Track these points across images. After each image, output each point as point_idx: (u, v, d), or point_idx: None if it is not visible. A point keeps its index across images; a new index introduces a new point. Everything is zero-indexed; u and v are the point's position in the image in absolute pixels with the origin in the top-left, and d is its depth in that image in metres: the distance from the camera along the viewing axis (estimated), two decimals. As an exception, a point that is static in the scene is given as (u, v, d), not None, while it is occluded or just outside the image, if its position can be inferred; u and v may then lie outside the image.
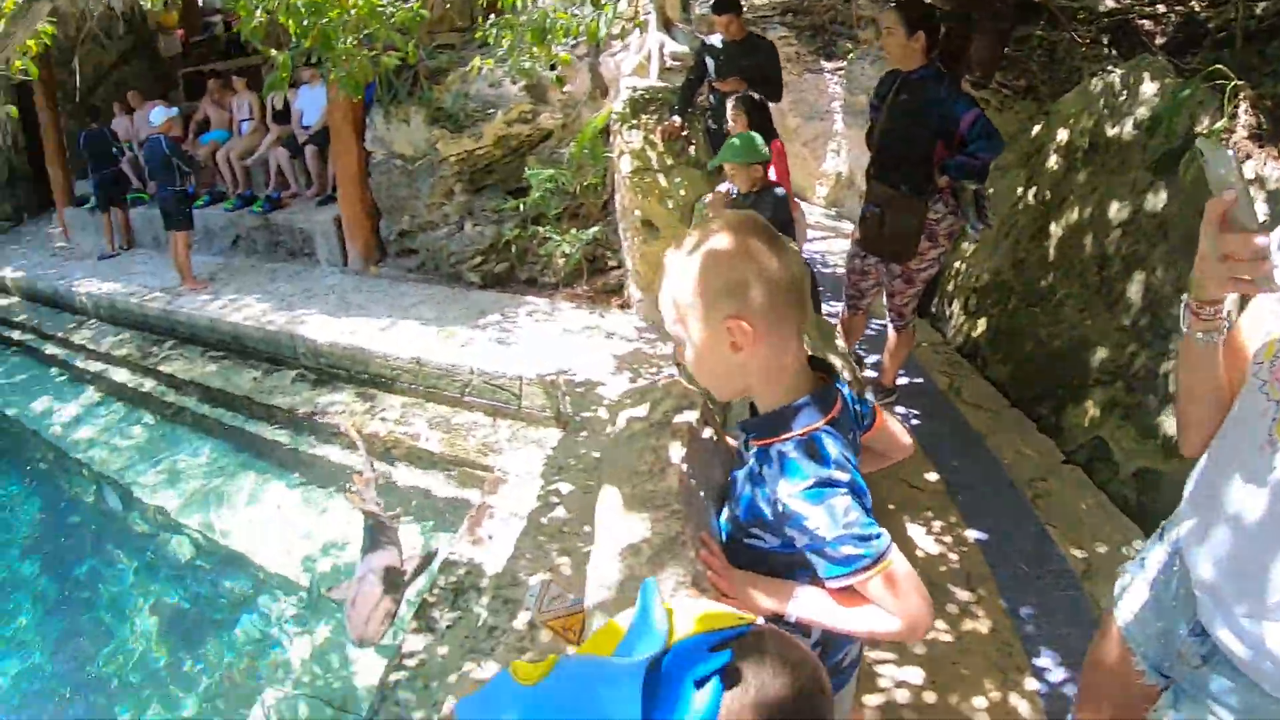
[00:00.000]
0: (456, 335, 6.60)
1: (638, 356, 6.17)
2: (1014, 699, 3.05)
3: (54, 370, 10.64)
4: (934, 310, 6.47)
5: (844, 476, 1.44)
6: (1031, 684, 3.10)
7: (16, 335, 12.02)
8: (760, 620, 1.04)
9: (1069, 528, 4.03)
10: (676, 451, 3.04)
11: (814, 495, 1.42)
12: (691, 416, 3.15)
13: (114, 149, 11.88)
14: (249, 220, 10.01)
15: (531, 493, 5.40)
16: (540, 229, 7.20)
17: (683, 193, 6.46)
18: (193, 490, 6.95)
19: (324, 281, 8.62)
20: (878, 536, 1.43)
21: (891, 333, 4.85)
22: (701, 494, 2.52)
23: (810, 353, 1.62)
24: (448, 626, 4.83)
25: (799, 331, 1.53)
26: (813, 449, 1.46)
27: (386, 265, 8.37)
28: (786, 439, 1.48)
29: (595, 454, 5.28)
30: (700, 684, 0.93)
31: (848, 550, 1.41)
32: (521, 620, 4.32)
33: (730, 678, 0.93)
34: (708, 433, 3.03)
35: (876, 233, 4.50)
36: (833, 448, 1.46)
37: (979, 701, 3.05)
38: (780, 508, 1.47)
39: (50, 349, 11.00)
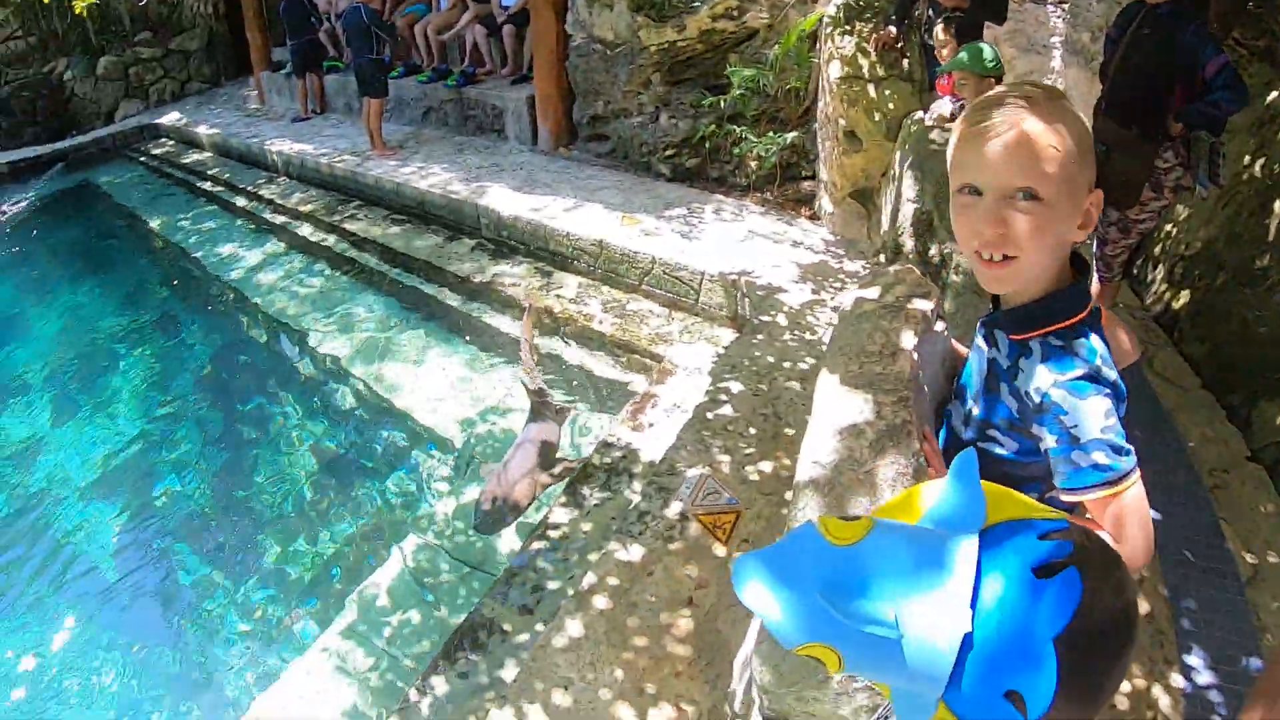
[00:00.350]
0: (641, 224, 6.46)
1: (823, 269, 5.91)
2: (1156, 691, 2.84)
3: (240, 221, 11.05)
4: (1135, 272, 6.00)
5: (1110, 374, 1.33)
6: (1178, 680, 2.87)
7: (208, 186, 12.56)
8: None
9: (1244, 528, 3.67)
10: (909, 337, 2.82)
11: (1078, 388, 1.30)
12: (925, 306, 2.92)
13: (311, 18, 12.14)
14: (442, 94, 10.08)
15: (699, 387, 5.27)
16: (736, 129, 6.96)
17: (891, 106, 6.13)
18: (363, 342, 7.09)
19: (512, 158, 8.60)
20: (1129, 452, 1.30)
21: (1095, 283, 4.51)
22: (925, 388, 2.31)
23: None
24: (595, 505, 4.78)
25: None
26: (1078, 341, 1.35)
27: (576, 148, 8.28)
28: (1050, 330, 1.37)
29: (770, 358, 5.10)
30: (1041, 572, 0.83)
31: (1099, 457, 1.28)
32: (673, 510, 4.22)
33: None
34: (940, 326, 2.79)
35: (1099, 173, 4.14)
36: (1098, 343, 1.35)
37: (1122, 685, 2.87)
38: (1038, 399, 1.34)
39: (239, 201, 11.43)
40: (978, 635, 0.84)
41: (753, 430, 4.59)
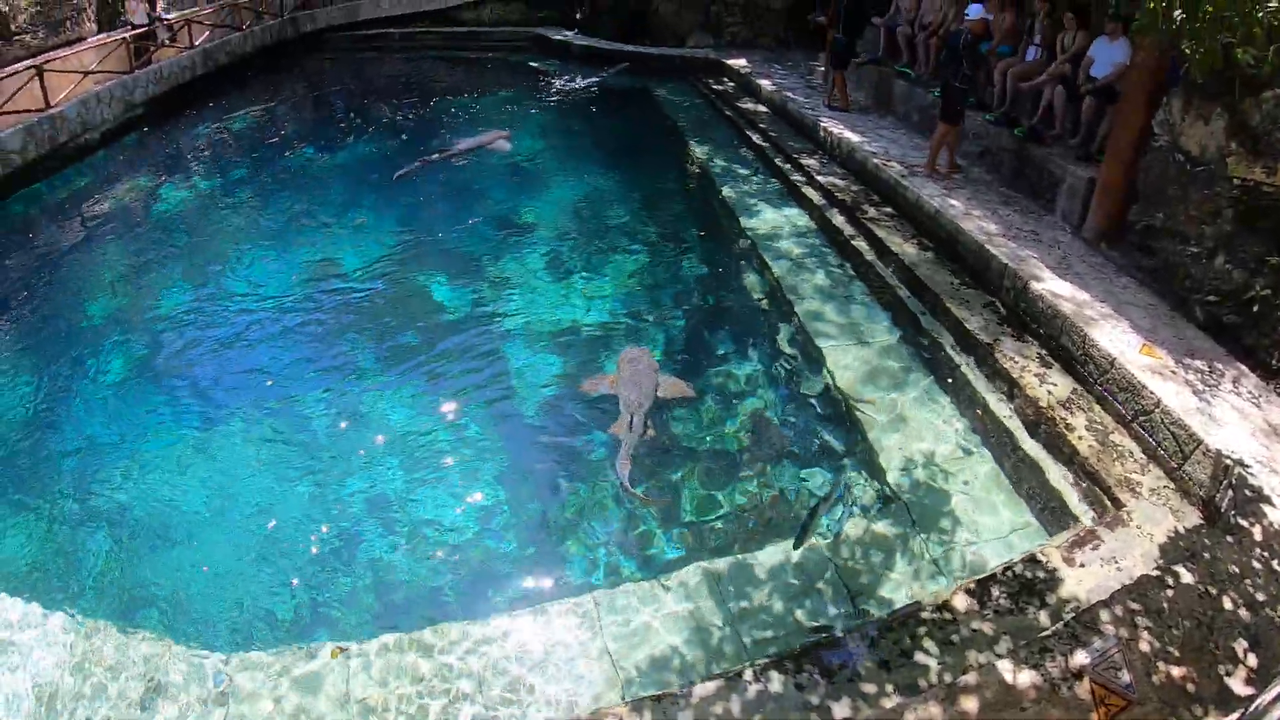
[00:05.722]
0: (1159, 359, 6.35)
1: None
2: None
3: (773, 179, 12.02)
4: None
5: None
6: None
7: (754, 136, 13.64)
8: None
9: None
10: None
11: None
12: None
13: (871, 19, 13.16)
14: (1004, 140, 10.19)
15: (1147, 555, 5.24)
16: (1294, 301, 6.51)
17: None
18: (844, 339, 7.79)
19: (1052, 233, 8.64)
20: None
21: None
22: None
23: None
24: (997, 611, 4.89)
25: None
26: None
27: (1119, 250, 8.11)
28: None
29: (1232, 567, 5.00)
30: None
31: None
32: (1075, 659, 4.44)
33: None
34: None
35: None
36: None
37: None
38: None
39: (777, 160, 12.39)
40: None
41: (1177, 631, 4.57)
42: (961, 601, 4.98)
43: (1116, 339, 6.58)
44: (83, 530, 6.22)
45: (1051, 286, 7.31)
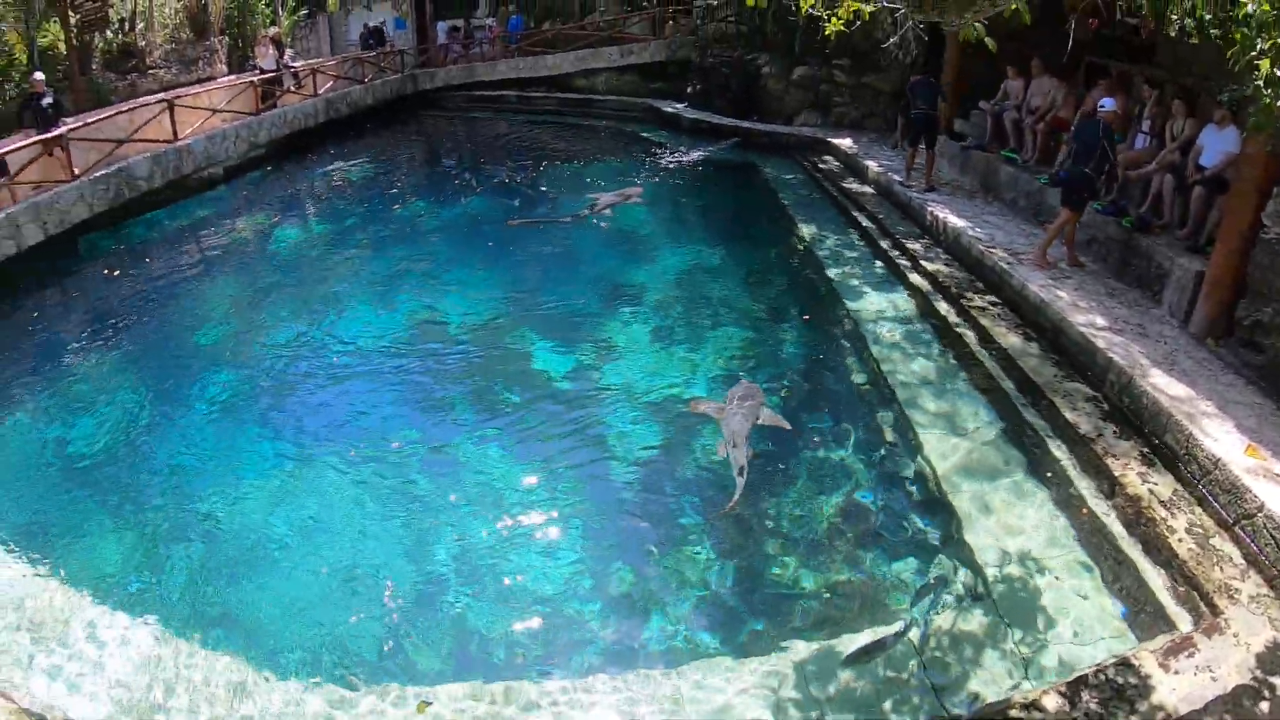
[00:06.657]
0: (1264, 461, 6.25)
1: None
2: None
3: (878, 262, 12.13)
4: None
5: None
6: None
7: (861, 218, 13.82)
8: None
9: None
10: None
11: None
12: None
13: (937, 98, 13.45)
14: (1112, 230, 10.14)
15: (1242, 664, 5.10)
16: None
17: None
18: (943, 429, 7.86)
19: (1157, 327, 8.59)
20: None
21: None
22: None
23: None
24: (1084, 714, 4.89)
25: None
26: None
27: (1226, 346, 8.05)
28: None
29: None
30: None
31: None
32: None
33: None
34: None
35: None
36: None
37: None
38: None
39: (883, 243, 12.55)
40: None
41: None
42: (1051, 702, 4.93)
43: (1221, 439, 6.52)
44: (173, 547, 6.60)
45: (1156, 382, 7.28)
